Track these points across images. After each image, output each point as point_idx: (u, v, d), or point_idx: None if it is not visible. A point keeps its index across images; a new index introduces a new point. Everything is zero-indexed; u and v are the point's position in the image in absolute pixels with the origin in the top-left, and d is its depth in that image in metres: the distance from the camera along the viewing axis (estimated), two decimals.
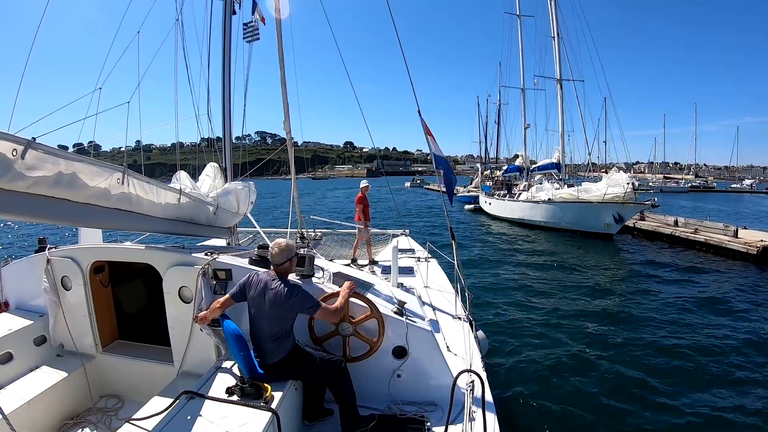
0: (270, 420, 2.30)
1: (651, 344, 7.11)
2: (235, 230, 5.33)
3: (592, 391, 5.53)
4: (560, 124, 24.33)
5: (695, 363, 6.39)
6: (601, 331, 7.80)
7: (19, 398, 2.99)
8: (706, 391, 5.57)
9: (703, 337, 7.44)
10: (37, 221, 2.74)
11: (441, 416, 2.78)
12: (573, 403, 5.27)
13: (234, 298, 2.89)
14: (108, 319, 3.77)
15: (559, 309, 8.92)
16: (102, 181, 2.65)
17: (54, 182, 2.30)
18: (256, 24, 5.50)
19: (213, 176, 4.87)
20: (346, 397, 2.78)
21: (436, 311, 4.37)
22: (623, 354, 6.75)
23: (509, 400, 5.21)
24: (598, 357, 6.62)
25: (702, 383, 5.81)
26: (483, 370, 3.13)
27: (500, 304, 9.23)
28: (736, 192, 63.92)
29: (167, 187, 3.46)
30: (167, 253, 3.35)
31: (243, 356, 2.69)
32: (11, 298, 3.93)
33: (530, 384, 5.70)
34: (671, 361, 6.50)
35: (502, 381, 5.70)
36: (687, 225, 17.92)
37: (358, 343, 3.06)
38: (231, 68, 5.06)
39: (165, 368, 3.43)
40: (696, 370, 6.16)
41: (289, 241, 2.95)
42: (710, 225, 16.96)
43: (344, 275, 3.71)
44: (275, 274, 2.82)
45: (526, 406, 5.19)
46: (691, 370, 6.18)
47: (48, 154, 2.24)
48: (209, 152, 5.44)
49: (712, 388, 5.66)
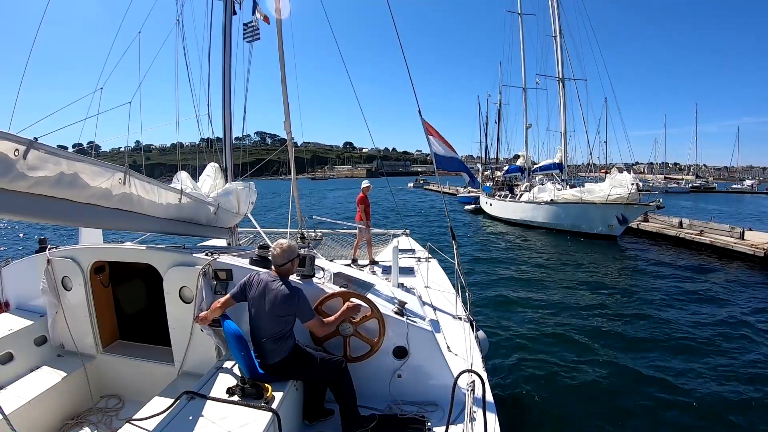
0: (270, 420, 2.30)
1: (653, 345, 7.11)
2: (236, 230, 5.34)
3: (592, 392, 5.53)
4: (562, 123, 24.16)
5: (700, 364, 6.39)
6: (603, 332, 7.79)
7: (19, 398, 2.99)
8: (708, 394, 5.56)
9: (707, 338, 7.43)
10: (38, 221, 2.74)
11: (441, 416, 2.77)
12: (573, 403, 5.27)
13: (234, 298, 2.89)
14: (108, 319, 3.78)
15: (560, 310, 8.92)
16: (103, 182, 2.65)
17: (55, 182, 2.31)
18: (257, 24, 5.50)
19: (213, 176, 4.88)
20: (347, 397, 2.78)
21: (437, 311, 4.36)
22: (624, 354, 6.74)
23: (510, 401, 5.20)
24: (599, 357, 6.61)
25: (705, 385, 5.80)
26: (483, 371, 3.12)
27: (501, 304, 9.23)
28: (736, 192, 63.68)
29: (168, 188, 3.46)
30: (168, 254, 3.35)
31: (243, 356, 2.69)
32: (12, 298, 3.93)
33: (531, 384, 5.70)
34: (672, 361, 6.50)
35: (503, 381, 5.70)
36: (692, 226, 17.55)
37: (359, 344, 3.06)
38: (231, 68, 5.06)
39: (165, 368, 3.43)
40: (700, 373, 6.15)
41: (291, 242, 2.97)
42: (716, 227, 16.61)
43: (345, 275, 3.71)
44: (276, 274, 2.82)
45: (526, 406, 5.18)
46: (694, 370, 6.18)
47: (50, 155, 2.25)
48: (209, 152, 5.45)
49: (714, 389, 5.64)
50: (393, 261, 4.54)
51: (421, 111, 4.79)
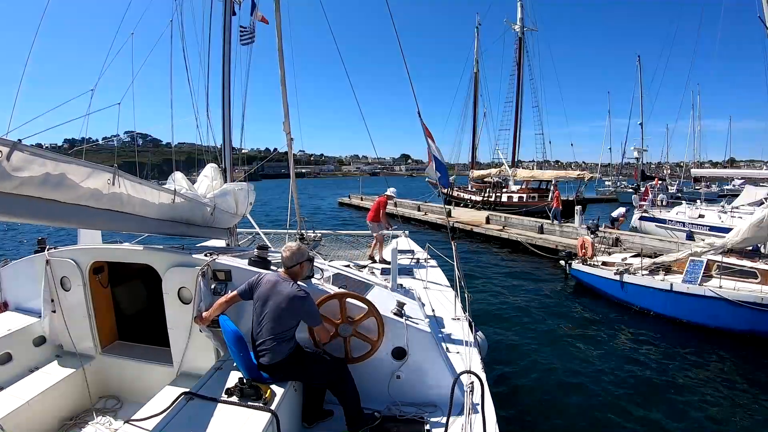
0: (269, 421, 2.30)
1: (655, 346, 7.12)
2: (235, 231, 5.34)
3: (592, 393, 5.54)
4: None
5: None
6: (603, 332, 7.81)
7: (18, 399, 2.98)
8: (717, 403, 5.57)
9: None
10: (25, 221, 2.73)
11: (440, 417, 2.77)
12: (573, 404, 5.28)
13: (242, 295, 2.92)
14: (107, 319, 3.77)
15: (561, 311, 8.93)
16: (92, 182, 2.64)
17: (41, 183, 2.30)
18: (253, 26, 5.51)
19: (211, 177, 4.87)
20: (349, 397, 2.78)
21: (436, 312, 4.37)
22: (626, 355, 6.76)
23: (509, 401, 5.20)
24: (600, 358, 6.63)
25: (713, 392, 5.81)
26: (482, 371, 3.13)
27: (500, 304, 9.24)
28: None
29: (160, 188, 3.45)
30: (167, 254, 3.35)
31: (242, 357, 2.69)
32: (10, 298, 3.94)
33: (530, 385, 5.71)
34: (674, 363, 6.51)
35: (502, 382, 5.71)
36: None
37: (359, 343, 3.06)
38: (231, 67, 5.06)
39: (164, 369, 3.43)
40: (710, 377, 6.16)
41: (301, 244, 3.00)
42: None
43: (343, 276, 3.71)
44: (285, 275, 2.85)
45: (525, 406, 5.20)
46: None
47: (34, 156, 2.24)
48: (206, 151, 5.45)
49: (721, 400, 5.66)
50: (392, 262, 4.53)
51: (420, 113, 4.80)
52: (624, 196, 35.64)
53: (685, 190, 31.35)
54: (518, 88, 28.48)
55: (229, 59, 5.04)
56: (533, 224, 16.57)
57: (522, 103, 28.87)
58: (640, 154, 25.63)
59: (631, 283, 8.62)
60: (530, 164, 32.73)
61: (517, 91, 28.59)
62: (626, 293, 8.75)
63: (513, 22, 28.11)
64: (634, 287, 8.56)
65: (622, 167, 45.21)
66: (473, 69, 34.06)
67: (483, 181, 29.43)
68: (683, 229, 14.84)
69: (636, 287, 8.52)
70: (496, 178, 27.96)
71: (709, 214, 14.72)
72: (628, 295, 8.71)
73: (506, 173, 27.17)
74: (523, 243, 14.98)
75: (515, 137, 29.23)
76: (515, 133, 29.24)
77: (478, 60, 33.78)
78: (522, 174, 26.61)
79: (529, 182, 26.12)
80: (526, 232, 16.09)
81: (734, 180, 26.18)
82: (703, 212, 14.94)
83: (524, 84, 28.44)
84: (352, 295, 3.08)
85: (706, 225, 14.28)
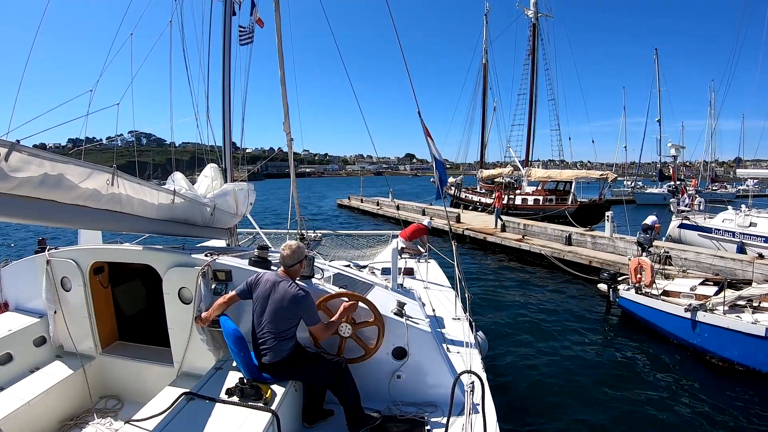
0: (270, 421, 2.30)
1: (655, 347, 7.11)
2: (235, 231, 5.34)
3: (593, 393, 5.53)
4: None
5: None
6: (604, 333, 7.80)
7: (18, 399, 2.99)
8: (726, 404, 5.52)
9: None
10: (24, 222, 2.74)
11: (441, 417, 2.77)
12: (573, 404, 5.27)
13: (240, 295, 2.92)
14: (108, 320, 3.77)
15: (562, 311, 8.92)
16: (90, 183, 2.64)
17: (40, 183, 2.30)
18: (252, 27, 5.51)
19: (211, 177, 4.87)
20: (350, 397, 2.78)
21: (436, 312, 4.37)
22: (625, 355, 6.75)
23: (509, 401, 5.20)
24: (600, 358, 6.63)
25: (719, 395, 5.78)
26: (483, 371, 3.13)
27: (501, 304, 9.24)
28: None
29: (160, 188, 3.45)
30: (167, 254, 3.35)
31: (242, 357, 2.69)
32: (11, 298, 3.93)
33: (530, 385, 5.71)
34: (674, 362, 6.50)
35: (502, 382, 5.70)
36: None
37: (354, 346, 3.06)
38: (231, 67, 5.06)
39: (165, 369, 3.43)
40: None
41: (300, 243, 3.00)
42: None
43: (344, 276, 3.71)
44: (285, 275, 2.85)
45: (526, 406, 5.19)
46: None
47: (33, 156, 2.24)
48: (210, 151, 5.45)
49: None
50: (392, 262, 4.53)
51: (420, 112, 4.80)
52: (640, 197, 34.67)
53: (702, 191, 29.90)
54: (532, 80, 25.71)
55: (229, 59, 5.04)
56: (559, 233, 13.82)
57: (536, 97, 25.90)
58: (677, 151, 22.00)
59: (708, 324, 6.31)
60: (538, 163, 29.84)
61: (531, 82, 25.78)
62: (701, 337, 6.45)
63: (526, 6, 25.26)
64: (713, 330, 6.27)
65: (648, 166, 42.80)
66: (482, 59, 30.92)
67: (493, 181, 27.11)
68: (734, 240, 12.44)
69: (716, 330, 6.24)
70: (508, 179, 25.78)
71: (762, 222, 12.33)
72: (704, 341, 6.41)
73: (519, 173, 24.94)
74: (548, 257, 12.49)
75: (529, 133, 26.14)
76: (529, 129, 26.12)
77: (488, 49, 30.63)
78: (537, 174, 24.11)
79: (545, 183, 23.86)
80: (550, 244, 13.51)
81: (747, 180, 25.31)
82: (755, 219, 12.53)
83: (539, 75, 25.81)
84: (353, 295, 3.08)
85: (760, 236, 11.93)
